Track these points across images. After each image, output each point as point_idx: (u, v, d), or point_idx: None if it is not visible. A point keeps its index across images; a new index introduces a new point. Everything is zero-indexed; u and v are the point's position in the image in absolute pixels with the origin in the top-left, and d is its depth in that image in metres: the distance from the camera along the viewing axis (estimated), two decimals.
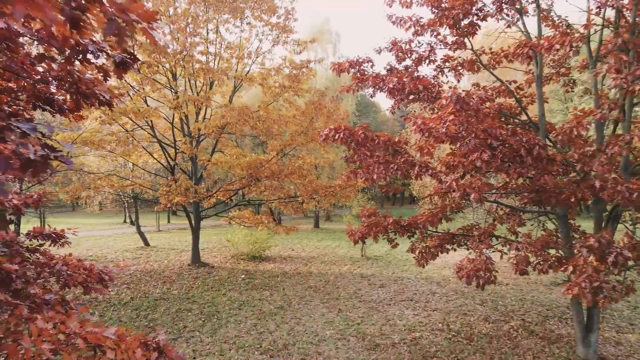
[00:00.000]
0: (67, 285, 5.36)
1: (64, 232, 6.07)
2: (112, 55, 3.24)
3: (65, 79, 3.85)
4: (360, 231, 9.13)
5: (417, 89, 8.09)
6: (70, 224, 30.67)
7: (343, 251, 21.75)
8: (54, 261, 5.44)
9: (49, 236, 5.88)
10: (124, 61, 3.25)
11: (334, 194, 16.33)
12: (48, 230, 5.87)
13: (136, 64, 3.35)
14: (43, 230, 5.77)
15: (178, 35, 14.07)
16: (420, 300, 12.93)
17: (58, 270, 5.31)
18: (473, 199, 6.74)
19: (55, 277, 5.36)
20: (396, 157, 8.01)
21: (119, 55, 3.22)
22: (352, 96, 34.77)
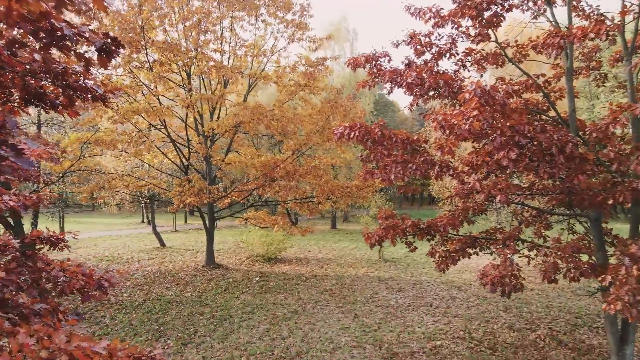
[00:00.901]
0: (64, 292, 5.06)
1: (63, 235, 5.77)
2: (92, 40, 2.89)
3: (51, 70, 3.53)
4: (377, 234, 8.68)
5: (437, 84, 7.60)
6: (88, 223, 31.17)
7: (360, 253, 21.27)
8: (50, 266, 5.13)
9: (47, 240, 5.57)
10: (106, 48, 2.90)
11: (351, 194, 15.89)
12: (46, 234, 5.56)
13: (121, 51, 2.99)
14: (41, 234, 5.47)
15: (191, 32, 13.81)
16: (440, 305, 12.40)
17: (54, 276, 5.01)
18: (498, 201, 6.23)
19: (52, 283, 5.07)
20: (415, 156, 7.55)
21: (100, 41, 2.86)
22: (370, 95, 34.24)
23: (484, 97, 5.52)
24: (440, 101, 10.09)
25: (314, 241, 25.57)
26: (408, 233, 8.69)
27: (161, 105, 13.93)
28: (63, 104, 4.28)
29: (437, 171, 7.21)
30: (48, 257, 5.50)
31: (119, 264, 18.12)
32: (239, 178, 29.93)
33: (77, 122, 15.56)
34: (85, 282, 5.21)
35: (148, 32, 13.33)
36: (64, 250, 5.83)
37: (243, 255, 20.13)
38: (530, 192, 8.81)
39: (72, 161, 14.08)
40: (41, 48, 3.02)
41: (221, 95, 13.36)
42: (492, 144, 5.92)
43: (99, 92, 4.00)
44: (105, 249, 21.83)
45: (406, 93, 8.62)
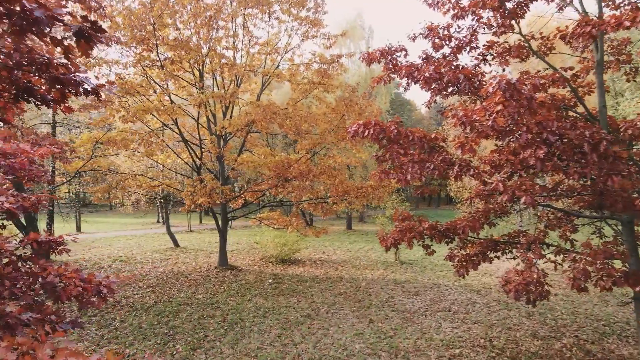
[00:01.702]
0: (60, 299, 4.80)
1: (62, 238, 5.53)
2: (68, 24, 2.57)
3: (34, 61, 3.24)
4: (393, 236, 8.30)
5: (457, 78, 7.16)
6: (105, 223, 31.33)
7: (376, 255, 20.83)
8: (46, 272, 4.86)
9: (46, 243, 5.33)
10: (86, 33, 2.58)
11: (366, 195, 15.48)
12: (44, 237, 5.31)
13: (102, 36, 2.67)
14: (38, 237, 5.22)
15: (202, 29, 13.57)
16: (459, 311, 11.92)
17: (50, 282, 4.74)
18: (523, 203, 5.78)
19: (48, 289, 4.80)
20: (433, 155, 7.13)
21: (77, 24, 2.55)
22: (386, 93, 33.70)
23: (509, 91, 5.09)
24: (459, 98, 9.66)
25: (329, 242, 25.20)
26: (425, 236, 8.31)
27: (173, 104, 13.72)
28: (55, 99, 4.01)
29: (456, 171, 6.79)
30: (45, 261, 5.25)
31: (132, 264, 18.03)
32: (254, 178, 29.79)
33: (89, 122, 15.47)
34: (83, 288, 4.94)
35: (159, 30, 13.15)
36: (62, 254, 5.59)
37: (257, 256, 19.87)
38: (555, 193, 8.30)
39: (85, 161, 13.99)
40: (13, 33, 2.71)
41: (232, 93, 13.09)
42: (517, 142, 5.48)
43: (90, 85, 3.71)
44: (120, 249, 21.80)
45: (423, 89, 8.21)
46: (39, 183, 11.53)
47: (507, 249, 8.88)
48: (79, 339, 9.68)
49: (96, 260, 18.63)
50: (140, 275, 15.93)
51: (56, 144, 9.95)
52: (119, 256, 19.77)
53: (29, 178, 7.49)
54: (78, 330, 10.25)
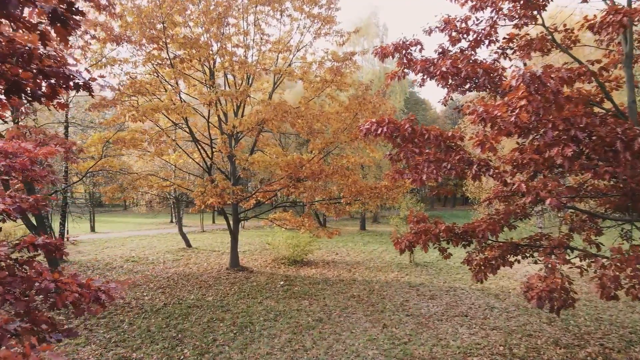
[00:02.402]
0: (55, 306, 4.56)
1: (61, 241, 5.29)
2: (40, 5, 2.30)
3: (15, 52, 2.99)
4: (407, 239, 7.95)
5: (475, 73, 6.78)
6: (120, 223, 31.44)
7: (390, 256, 20.42)
8: (41, 277, 4.63)
9: (42, 246, 5.10)
10: (62, 16, 2.31)
11: (380, 195, 15.11)
12: (42, 240, 5.08)
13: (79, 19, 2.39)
14: (34, 240, 5.00)
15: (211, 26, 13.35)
16: (477, 316, 11.48)
17: (45, 288, 4.50)
18: (548, 205, 5.39)
19: (42, 295, 4.57)
20: (449, 154, 6.75)
21: (51, 6, 2.27)
22: (400, 92, 33.21)
23: (534, 84, 4.71)
24: (477, 94, 9.26)
25: (342, 243, 24.85)
26: (441, 238, 7.93)
27: (183, 103, 13.53)
28: (46, 94, 3.77)
29: (475, 171, 6.40)
30: (42, 265, 5.02)
31: (144, 264, 17.93)
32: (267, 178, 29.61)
33: (101, 122, 15.38)
34: (80, 294, 4.69)
35: (169, 27, 12.99)
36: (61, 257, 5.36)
37: (269, 258, 19.63)
38: (578, 194, 7.85)
39: (95, 161, 13.89)
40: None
41: (243, 91, 12.83)
42: (542, 139, 5.09)
43: (80, 79, 3.45)
44: (132, 249, 21.77)
45: (439, 85, 7.85)
46: (52, 184, 11.40)
47: (527, 252, 8.48)
48: (87, 342, 9.51)
49: (108, 261, 18.59)
50: (151, 276, 15.81)
51: (64, 143, 9.81)
52: (131, 256, 19.72)
53: (32, 178, 7.32)
54: (86, 332, 10.10)
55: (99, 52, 13.90)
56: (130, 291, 13.60)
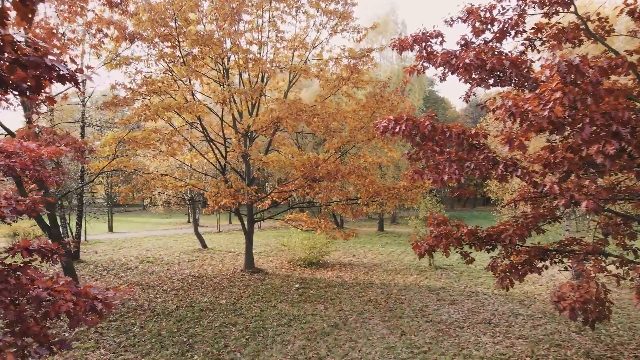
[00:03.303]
0: (48, 316, 4.26)
1: (57, 245, 5.01)
2: None
3: None
4: (427, 242, 7.50)
5: (501, 65, 6.28)
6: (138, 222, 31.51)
7: (409, 258, 19.87)
8: (34, 285, 4.33)
9: (38, 251, 4.82)
10: None
11: (398, 196, 14.60)
12: (36, 244, 4.81)
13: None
14: (29, 244, 4.72)
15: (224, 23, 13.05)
16: (501, 323, 10.92)
17: (36, 296, 4.21)
18: (584, 208, 4.88)
19: (35, 304, 4.28)
20: (473, 153, 6.28)
21: None
22: (419, 90, 32.53)
23: (570, 74, 4.22)
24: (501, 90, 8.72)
25: (360, 244, 24.36)
26: (464, 242, 7.45)
27: (195, 101, 13.27)
28: (31, 87, 3.45)
29: (501, 171, 5.92)
30: (38, 271, 4.74)
31: (159, 265, 17.79)
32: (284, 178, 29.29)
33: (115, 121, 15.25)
34: (75, 303, 4.38)
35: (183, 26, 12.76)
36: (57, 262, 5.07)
37: (284, 259, 19.30)
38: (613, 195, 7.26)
39: (108, 160, 13.75)
40: None
41: (257, 89, 12.50)
42: (579, 136, 4.58)
43: (64, 70, 3.12)
44: (148, 250, 21.70)
45: (461, 79, 7.37)
46: (56, 184, 11.19)
47: (556, 258, 7.93)
48: (96, 346, 9.30)
49: (124, 261, 18.51)
50: (165, 277, 15.63)
51: (74, 143, 9.63)
52: (146, 257, 19.62)
53: (36, 178, 7.09)
54: (96, 336, 9.89)
55: (113, 51, 13.74)
56: (143, 293, 13.41)
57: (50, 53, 3.13)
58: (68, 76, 3.30)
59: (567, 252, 7.57)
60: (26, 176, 6.45)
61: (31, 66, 2.92)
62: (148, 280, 15.15)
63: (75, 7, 12.00)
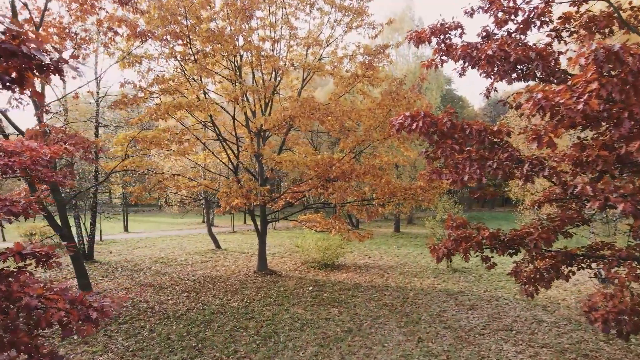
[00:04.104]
0: (39, 325, 3.99)
1: (52, 249, 4.76)
2: None
3: None
4: (446, 246, 7.09)
5: (527, 57, 5.83)
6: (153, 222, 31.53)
7: (426, 260, 19.36)
8: (25, 292, 4.06)
9: (33, 256, 4.57)
10: None
11: (415, 197, 14.13)
12: (30, 248, 4.55)
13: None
14: (21, 248, 4.46)
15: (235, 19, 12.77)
16: (523, 330, 10.41)
17: (27, 304, 3.94)
18: (622, 211, 4.43)
19: (24, 313, 4.01)
20: (495, 151, 5.86)
21: None
22: (437, 89, 31.91)
23: (608, 63, 3.78)
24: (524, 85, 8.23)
25: (375, 246, 23.91)
26: (485, 246, 7.02)
27: (207, 99, 13.02)
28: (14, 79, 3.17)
29: (526, 170, 5.50)
30: (31, 277, 4.48)
31: (172, 266, 17.64)
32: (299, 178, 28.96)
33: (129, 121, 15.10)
34: (68, 312, 4.10)
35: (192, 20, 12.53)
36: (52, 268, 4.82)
37: (298, 260, 18.98)
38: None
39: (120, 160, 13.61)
40: None
41: (268, 87, 12.18)
42: (616, 131, 4.14)
43: (45, 59, 2.83)
44: (162, 250, 21.62)
45: (482, 73, 6.95)
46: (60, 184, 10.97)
47: (584, 263, 7.43)
48: (104, 350, 9.10)
49: (137, 262, 18.43)
50: (177, 278, 15.45)
51: (83, 142, 9.45)
52: (160, 257, 19.53)
53: (39, 179, 6.88)
54: (105, 339, 9.70)
55: (126, 50, 13.59)
56: (154, 294, 13.23)
57: (30, 41, 2.84)
58: (51, 67, 3.00)
59: (597, 257, 7.07)
60: (28, 176, 6.23)
61: (4, 54, 2.64)
62: (160, 281, 14.98)
63: (86, 5, 11.88)
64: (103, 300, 4.44)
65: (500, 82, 7.28)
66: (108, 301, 4.41)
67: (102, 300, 4.40)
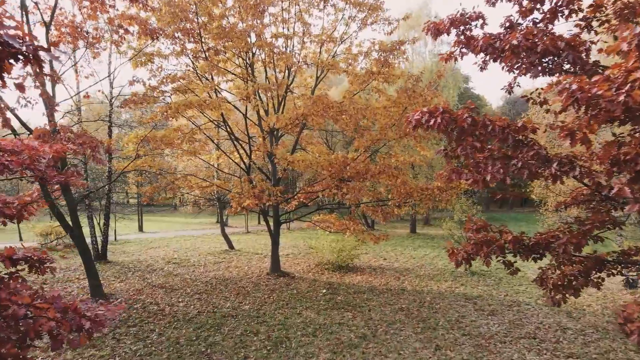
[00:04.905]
0: (27, 336, 3.72)
1: (45, 254, 4.49)
2: None
3: None
4: (466, 250, 6.70)
5: (555, 46, 5.39)
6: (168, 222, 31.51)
7: (443, 263, 18.83)
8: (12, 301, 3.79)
9: (25, 260, 4.31)
10: None
11: (432, 197, 13.66)
12: (22, 253, 4.29)
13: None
14: (13, 253, 4.20)
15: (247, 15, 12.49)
16: (547, 338, 9.88)
17: (13, 314, 3.67)
18: None
19: (12, 323, 3.74)
20: (520, 150, 5.44)
21: None
22: (454, 87, 31.26)
23: None
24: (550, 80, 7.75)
25: (391, 247, 23.41)
26: (507, 251, 6.60)
27: (218, 97, 12.76)
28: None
29: (554, 170, 5.07)
30: (25, 284, 4.21)
31: (185, 267, 17.47)
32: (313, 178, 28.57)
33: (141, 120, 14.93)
34: (58, 322, 3.82)
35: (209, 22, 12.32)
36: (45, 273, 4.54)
37: (312, 262, 18.63)
38: None
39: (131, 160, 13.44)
40: None
41: (281, 84, 11.86)
42: None
43: (15, 44, 2.53)
44: (175, 250, 21.51)
45: (505, 67, 6.55)
46: (63, 184, 10.78)
47: (615, 269, 6.93)
48: (111, 354, 8.89)
49: (150, 262, 18.31)
50: (189, 279, 15.24)
51: (90, 142, 9.27)
52: (173, 258, 19.40)
53: (42, 178, 6.66)
54: (113, 343, 9.49)
55: (137, 48, 13.42)
56: (165, 296, 13.03)
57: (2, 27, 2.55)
58: (29, 55, 2.70)
59: (630, 263, 6.58)
60: (26, 175, 6.02)
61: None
62: (172, 282, 14.79)
63: (96, 3, 11.72)
64: (97, 308, 4.15)
65: (524, 76, 6.83)
66: (102, 310, 4.12)
67: (96, 309, 4.11)
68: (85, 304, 4.25)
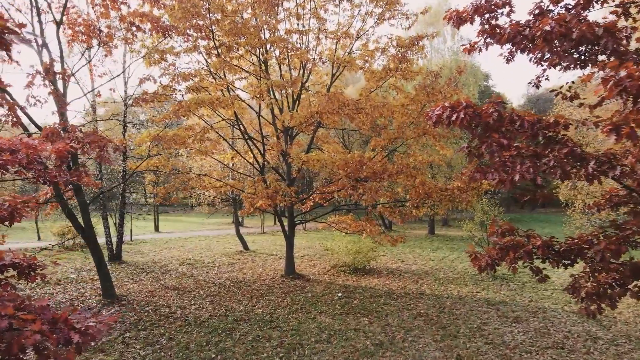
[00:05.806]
0: (10, 351, 3.40)
1: (36, 260, 4.19)
2: None
3: None
4: (490, 255, 6.24)
5: (592, 33, 4.89)
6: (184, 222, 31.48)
7: (463, 265, 18.21)
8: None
9: (13, 267, 4.01)
10: None
11: (451, 198, 13.12)
12: (10, 259, 3.99)
13: None
14: (1, 257, 3.90)
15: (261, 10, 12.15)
16: (576, 348, 9.29)
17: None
18: None
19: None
20: (551, 147, 4.98)
21: None
22: (474, 84, 30.49)
23: None
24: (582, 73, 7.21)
25: (409, 248, 22.85)
26: (536, 256, 6.09)
27: (230, 95, 12.46)
28: None
29: (592, 169, 4.59)
30: (10, 292, 3.91)
31: (199, 268, 17.26)
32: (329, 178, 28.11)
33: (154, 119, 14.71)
34: (44, 334, 3.50)
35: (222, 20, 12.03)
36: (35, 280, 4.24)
37: (328, 264, 18.22)
38: None
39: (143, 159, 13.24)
40: None
41: (295, 81, 11.48)
42: None
43: None
44: (190, 251, 21.35)
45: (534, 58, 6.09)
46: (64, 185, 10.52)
47: None
48: (120, 359, 8.63)
49: (164, 262, 18.16)
50: (203, 281, 15.00)
51: (99, 141, 9.05)
52: (187, 258, 19.22)
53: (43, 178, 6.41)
54: (122, 347, 9.25)
55: (151, 46, 13.22)
56: (178, 299, 12.78)
57: None
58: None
59: None
60: (26, 174, 5.76)
61: None
62: (185, 284, 14.56)
63: (107, 1, 11.53)
64: (89, 320, 3.81)
65: (553, 68, 6.33)
66: (93, 322, 3.78)
67: (86, 321, 3.78)
68: (79, 313, 3.93)
